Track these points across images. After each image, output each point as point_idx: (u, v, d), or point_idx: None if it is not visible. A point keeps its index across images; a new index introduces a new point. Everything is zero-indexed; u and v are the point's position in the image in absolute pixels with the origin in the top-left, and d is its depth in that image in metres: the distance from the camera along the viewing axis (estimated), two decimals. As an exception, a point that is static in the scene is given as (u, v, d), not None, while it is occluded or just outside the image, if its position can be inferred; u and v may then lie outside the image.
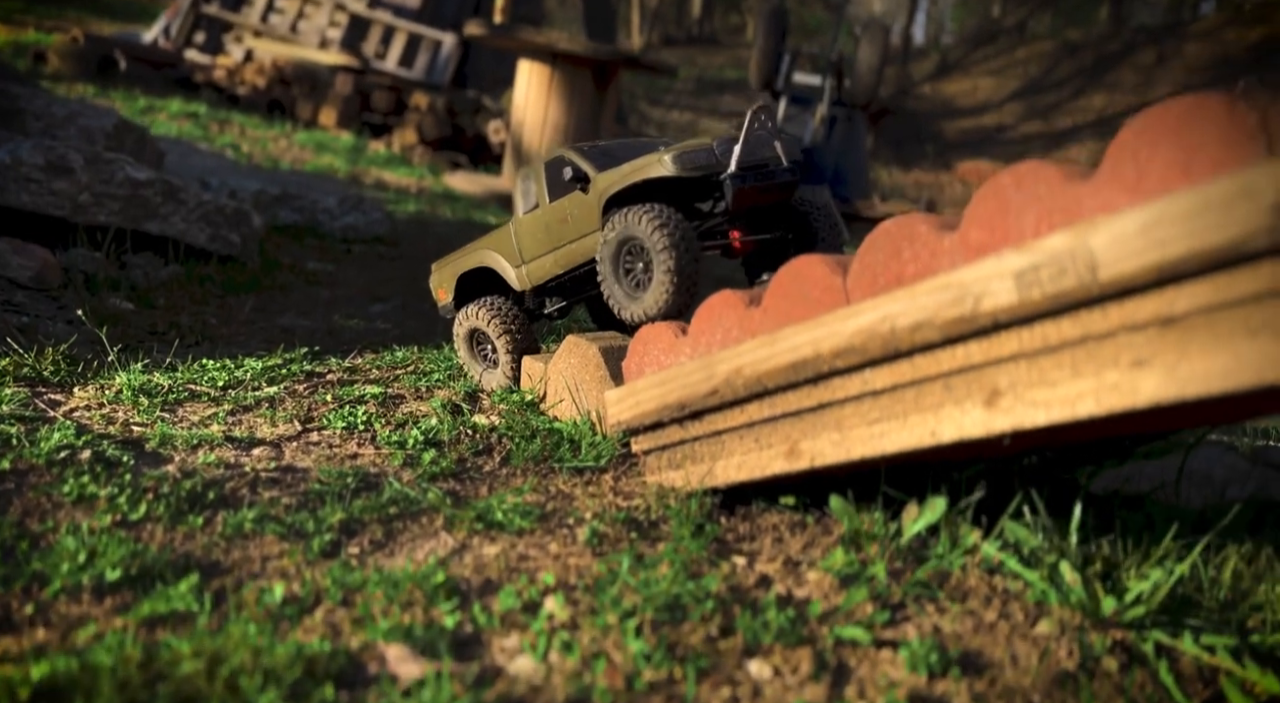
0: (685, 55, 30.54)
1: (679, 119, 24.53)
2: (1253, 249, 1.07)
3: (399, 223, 5.96)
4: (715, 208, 2.16)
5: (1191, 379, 1.16)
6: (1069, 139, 23.33)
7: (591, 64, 8.16)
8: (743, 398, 1.76)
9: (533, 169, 2.45)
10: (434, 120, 10.31)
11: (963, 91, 26.67)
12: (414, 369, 2.88)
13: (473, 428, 2.29)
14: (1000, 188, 1.42)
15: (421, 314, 3.71)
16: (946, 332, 1.40)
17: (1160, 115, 1.24)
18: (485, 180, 8.92)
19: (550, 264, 2.41)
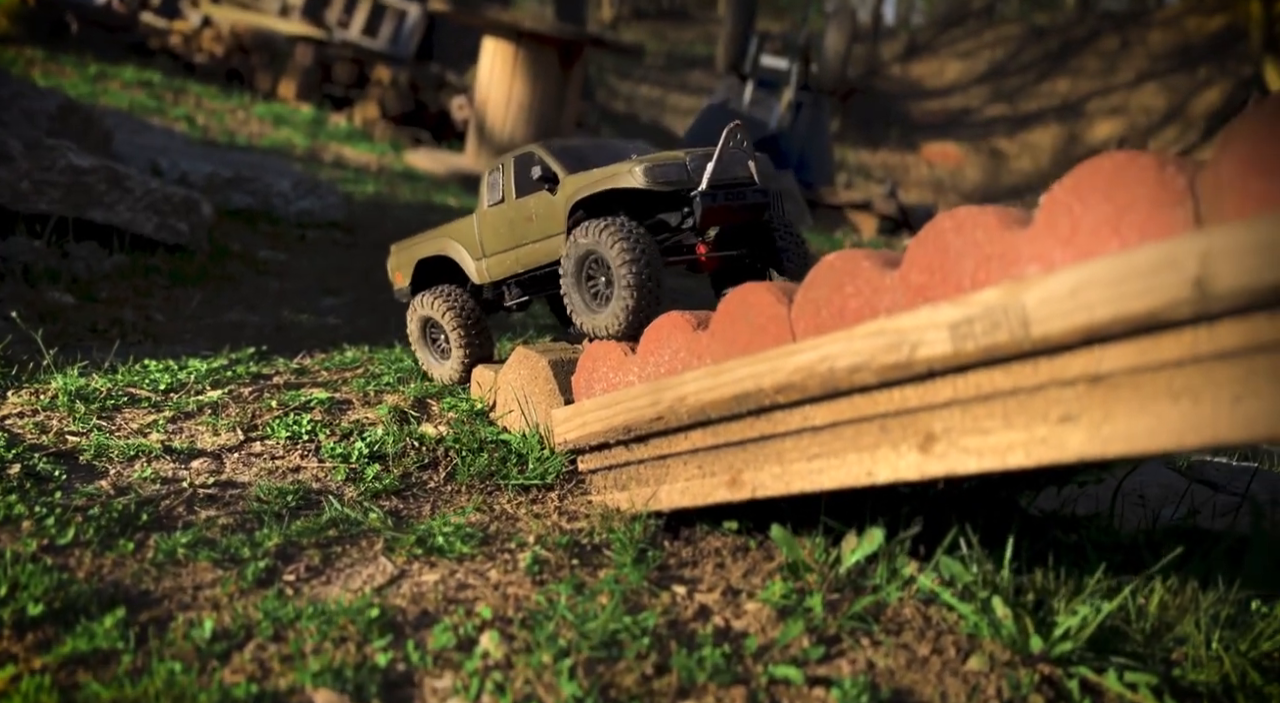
0: (655, 29, 30.23)
1: (648, 94, 24.34)
2: (1174, 318, 1.08)
3: (356, 206, 5.87)
4: (683, 223, 2.14)
5: (1115, 438, 1.18)
6: (1034, 123, 23.51)
7: (557, 43, 8.05)
8: (687, 425, 1.76)
9: (502, 162, 2.39)
10: (396, 95, 10.13)
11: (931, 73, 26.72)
12: (364, 371, 2.84)
13: (420, 439, 2.27)
14: (940, 232, 1.42)
15: (375, 309, 3.66)
16: (883, 375, 1.40)
17: (1093, 171, 1.25)
18: (448, 158, 8.80)
19: (511, 262, 2.37)
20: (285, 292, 3.68)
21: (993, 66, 26.04)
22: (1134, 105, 22.56)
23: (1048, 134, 23.05)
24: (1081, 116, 23.11)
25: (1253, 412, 1.06)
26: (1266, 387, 1.05)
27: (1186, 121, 21.16)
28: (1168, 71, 22.81)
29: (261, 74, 10.57)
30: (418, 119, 10.28)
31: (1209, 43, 22.93)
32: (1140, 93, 22.81)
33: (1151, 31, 24.59)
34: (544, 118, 8.25)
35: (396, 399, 2.59)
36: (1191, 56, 22.78)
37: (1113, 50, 24.61)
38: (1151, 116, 21.99)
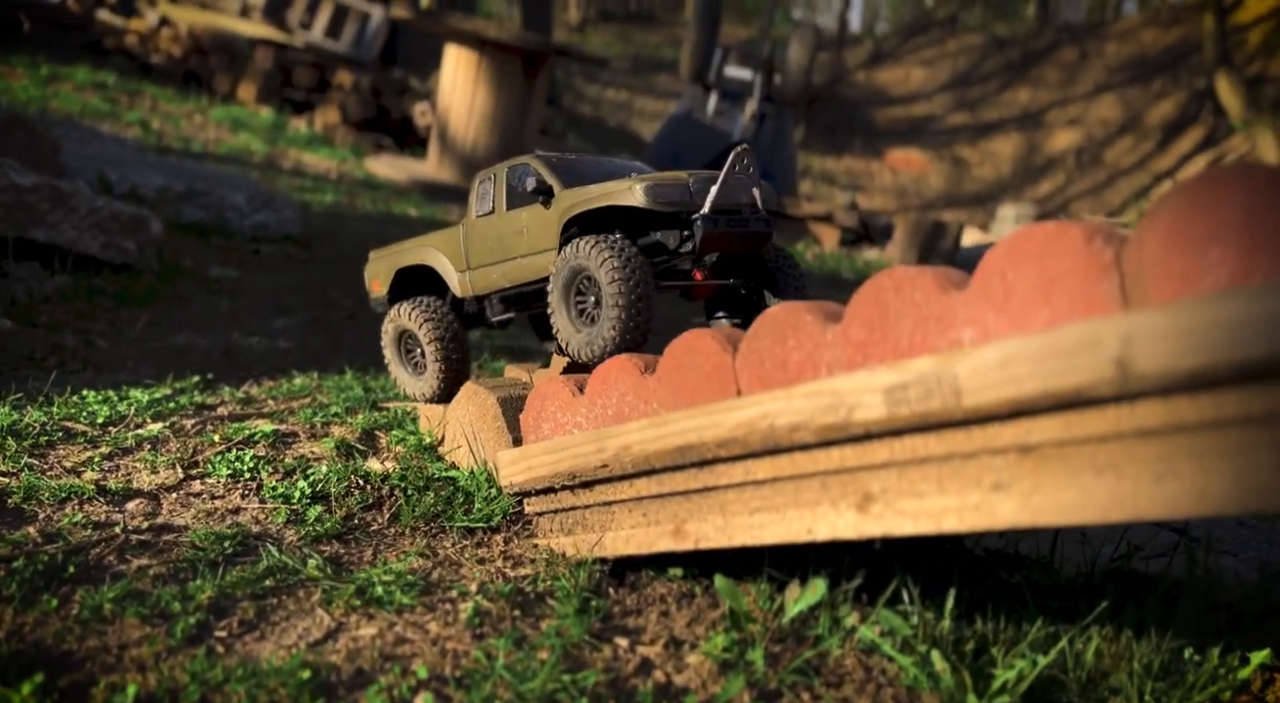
0: (622, 32, 30.23)
1: (614, 97, 24.33)
2: (1097, 396, 1.09)
3: (314, 217, 5.78)
4: (681, 246, 2.03)
5: (1044, 509, 1.19)
6: (995, 131, 23.84)
7: (521, 52, 8.01)
8: (632, 473, 1.75)
9: (494, 172, 2.28)
10: (358, 100, 10.01)
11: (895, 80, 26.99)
12: (312, 400, 2.80)
13: (365, 476, 2.23)
14: (880, 290, 1.43)
15: (328, 329, 3.61)
16: (822, 435, 1.41)
17: (1026, 240, 1.26)
18: (409, 165, 8.71)
19: (498, 276, 2.26)
20: (236, 312, 3.61)
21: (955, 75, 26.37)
22: (1091, 116, 22.96)
23: (1008, 143, 23.38)
24: (1041, 126, 23.47)
25: (1173, 490, 1.07)
26: (1187, 466, 1.06)
27: (1142, 132, 21.57)
28: (1124, 83, 23.24)
29: (220, 76, 10.40)
30: (380, 124, 10.18)
31: (1164, 56, 23.39)
32: (1098, 104, 23.21)
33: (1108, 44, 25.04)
34: (507, 126, 8.20)
35: (344, 432, 2.55)
36: (1147, 69, 23.24)
37: (1071, 62, 25.04)
38: (1109, 127, 22.39)
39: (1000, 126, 23.73)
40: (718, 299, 2.21)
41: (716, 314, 2.24)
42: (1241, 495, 1.02)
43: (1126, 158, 21.11)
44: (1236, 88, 18.18)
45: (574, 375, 2.08)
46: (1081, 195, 20.64)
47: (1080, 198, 20.57)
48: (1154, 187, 19.68)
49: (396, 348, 2.49)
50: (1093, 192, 20.59)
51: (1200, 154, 19.57)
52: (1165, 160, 20.24)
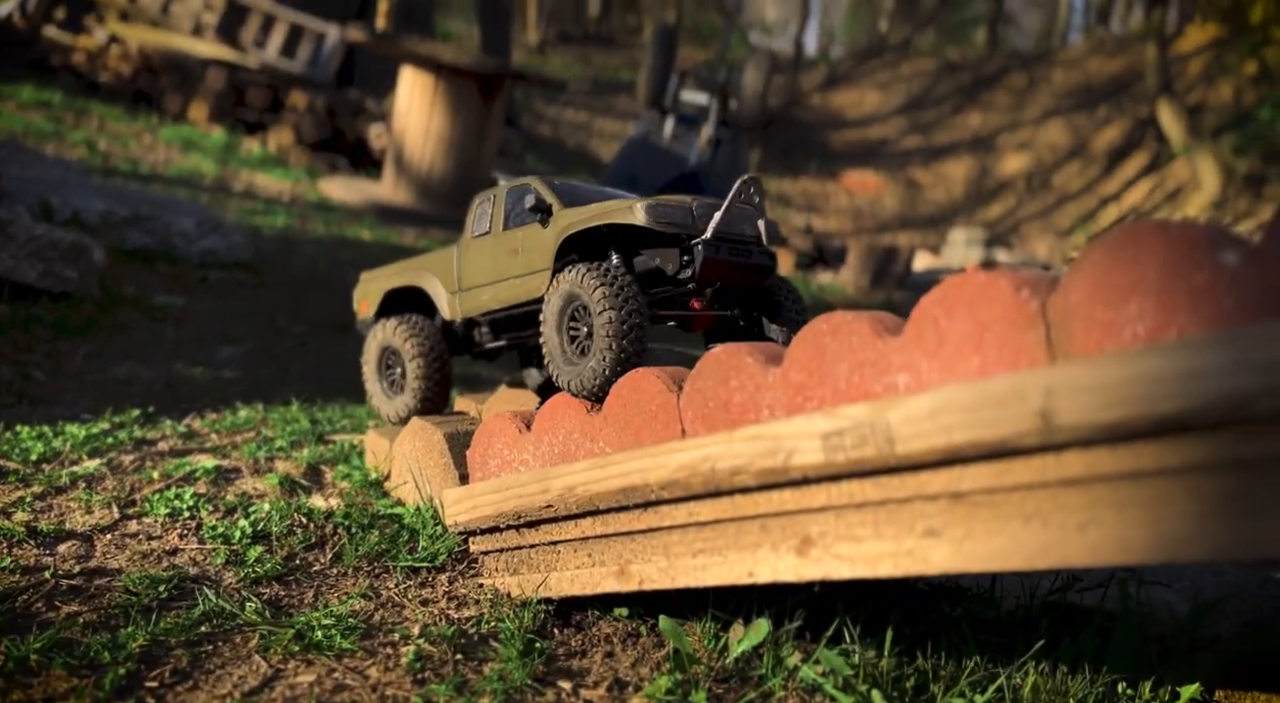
0: (582, 54, 30.40)
1: (574, 118, 24.41)
2: (1023, 446, 1.12)
3: (264, 243, 5.71)
4: (680, 272, 1.93)
5: (974, 556, 1.21)
6: (948, 154, 24.30)
7: (477, 76, 8.01)
8: (577, 514, 1.75)
9: (494, 193, 2.23)
10: (313, 121, 9.93)
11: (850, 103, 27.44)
12: (256, 434, 2.75)
13: (309, 514, 2.20)
14: (818, 334, 1.45)
15: (276, 358, 3.56)
16: (762, 479, 1.42)
17: (957, 288, 1.29)
18: (364, 187, 8.65)
19: (488, 298, 2.19)
20: (181, 341, 3.54)
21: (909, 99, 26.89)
22: (1040, 141, 23.52)
23: (961, 166, 23.85)
24: (992, 150, 24.00)
25: (1096, 539, 1.10)
26: (1109, 516, 1.09)
27: (1088, 158, 22.14)
28: (1071, 109, 23.86)
29: (171, 96, 10.25)
30: (334, 146, 10.09)
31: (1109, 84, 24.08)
32: (1046, 129, 23.80)
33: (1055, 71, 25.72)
34: (464, 149, 8.19)
35: (288, 467, 2.51)
36: (1093, 96, 23.90)
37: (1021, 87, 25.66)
38: (1056, 152, 22.95)
39: (953, 150, 24.22)
40: (719, 337, 2.12)
41: (710, 347, 2.12)
42: (1160, 545, 1.04)
43: (1074, 182, 21.65)
44: (1178, 115, 18.77)
45: (521, 412, 2.07)
46: (1031, 218, 21.11)
47: (1030, 220, 21.04)
48: (1100, 210, 20.19)
49: (377, 366, 2.42)
50: (1042, 214, 21.07)
51: (1144, 179, 20.15)
52: (1111, 185, 20.79)
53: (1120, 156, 21.47)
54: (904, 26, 30.94)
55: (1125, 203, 20.09)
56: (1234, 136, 17.66)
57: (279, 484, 2.37)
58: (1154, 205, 19.47)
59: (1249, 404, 0.93)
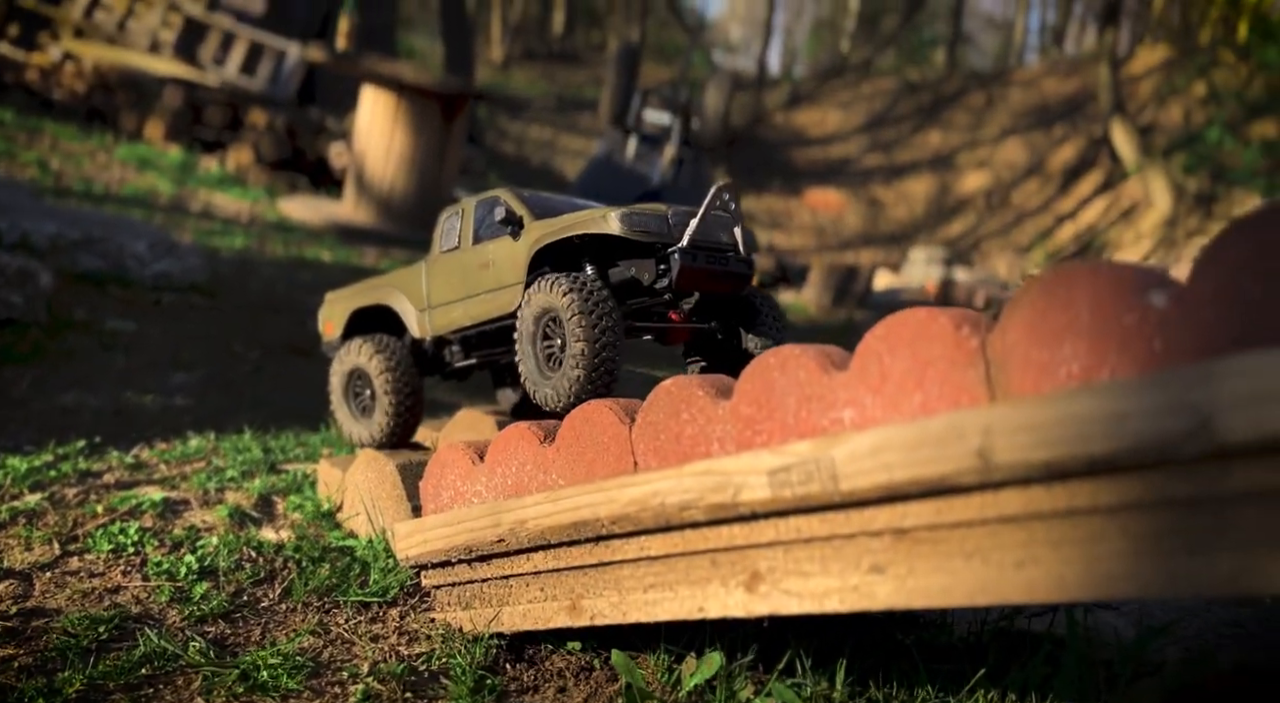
0: (546, 71, 30.48)
1: (538, 136, 24.45)
2: (962, 484, 1.13)
3: (221, 264, 5.63)
4: (656, 282, 1.88)
5: (917, 592, 1.22)
6: (909, 173, 24.65)
7: (439, 96, 8.00)
8: (529, 548, 1.74)
9: (462, 207, 2.17)
10: (272, 140, 9.84)
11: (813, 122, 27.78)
12: (207, 464, 2.70)
13: (258, 547, 2.16)
14: (767, 368, 1.46)
15: (230, 384, 3.50)
16: (711, 514, 1.42)
17: (900, 325, 1.30)
18: (324, 207, 8.57)
19: (459, 314, 2.12)
20: (131, 367, 3.48)
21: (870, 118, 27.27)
22: (998, 159, 23.95)
23: (922, 184, 24.20)
24: (952, 168, 24.38)
25: (1033, 577, 1.11)
26: (1046, 553, 1.10)
27: (1045, 176, 22.57)
28: (1027, 128, 24.32)
29: (126, 114, 10.10)
30: (295, 165, 10.00)
31: (1063, 104, 24.60)
32: (1004, 147, 24.23)
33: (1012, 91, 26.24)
34: (426, 168, 8.16)
35: (239, 498, 2.47)
36: (1048, 116, 24.39)
37: (979, 107, 26.13)
38: (1015, 170, 23.37)
39: (914, 168, 24.58)
40: (697, 351, 2.08)
41: (692, 359, 2.11)
42: (1094, 583, 1.06)
43: (1032, 199, 22.05)
44: (1130, 135, 19.21)
45: (474, 443, 2.06)
46: (992, 235, 21.46)
47: (990, 237, 21.38)
48: (1057, 228, 20.57)
49: (345, 389, 2.34)
50: (1002, 231, 21.42)
51: (1099, 196, 20.58)
52: (1068, 202, 21.21)
53: (1076, 175, 21.92)
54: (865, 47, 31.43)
55: (1081, 221, 20.49)
56: (1184, 156, 18.11)
57: (229, 516, 2.33)
58: (1109, 223, 19.88)
59: (1177, 446, 0.95)
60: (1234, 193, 17.21)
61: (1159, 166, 18.10)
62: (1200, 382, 0.93)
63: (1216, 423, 0.91)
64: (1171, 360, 1.04)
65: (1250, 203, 16.81)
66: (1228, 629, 1.72)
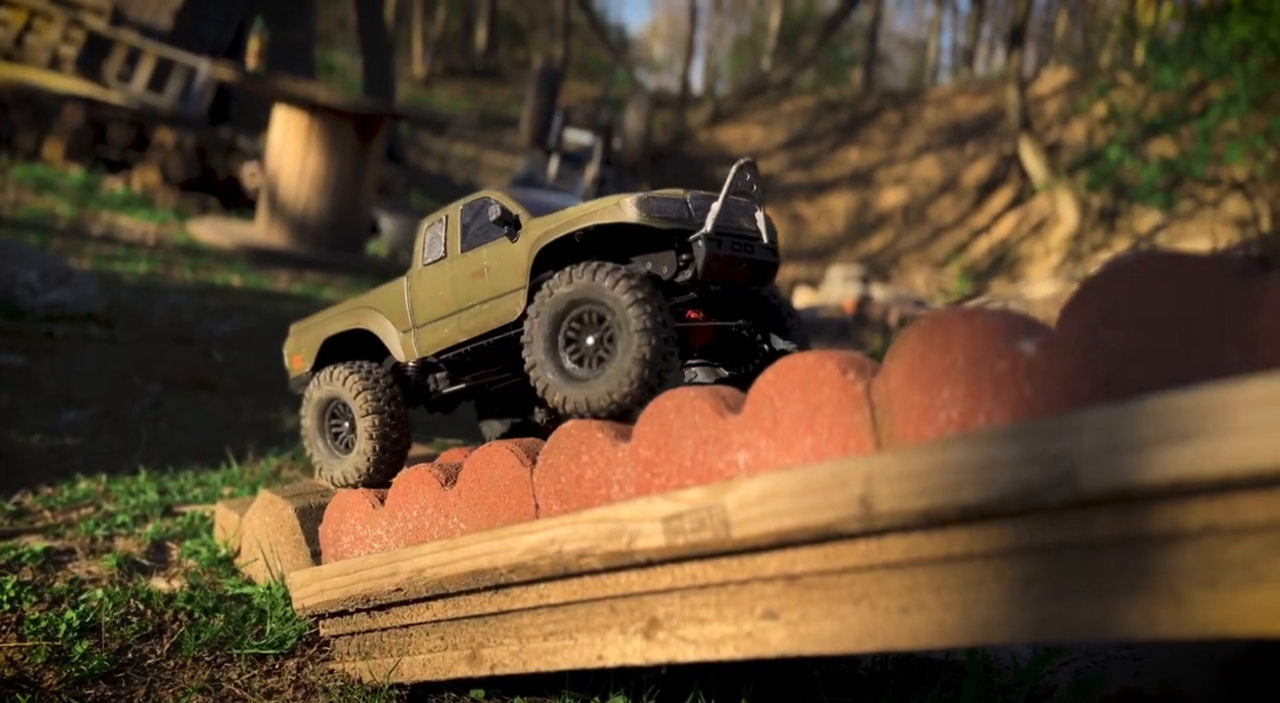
0: (469, 87, 30.29)
1: (462, 152, 24.25)
2: (847, 531, 1.14)
3: (122, 291, 5.41)
4: (678, 275, 1.69)
5: (809, 638, 1.22)
6: (829, 189, 25.16)
7: (354, 116, 7.86)
8: (427, 597, 1.69)
9: (446, 213, 1.96)
10: (181, 160, 9.52)
11: (736, 139, 28.18)
12: (96, 509, 2.58)
13: (146, 598, 2.06)
14: (664, 412, 1.45)
15: (124, 422, 3.35)
16: (608, 561, 1.40)
17: (789, 370, 1.31)
18: (236, 229, 8.33)
19: (450, 330, 1.89)
20: (17, 406, 3.30)
21: (791, 136, 27.79)
22: (915, 176, 24.63)
23: (842, 200, 24.73)
24: (871, 185, 24.99)
25: (916, 622, 1.12)
26: (929, 599, 1.12)
27: (959, 192, 23.29)
28: (942, 146, 25.07)
29: (24, 133, 9.66)
30: (205, 185, 9.70)
31: (975, 122, 25.45)
32: (919, 164, 24.94)
33: (927, 109, 27.05)
34: (341, 190, 8.00)
35: (129, 545, 2.36)
36: (961, 133, 25.20)
37: (895, 125, 26.87)
38: (930, 187, 24.06)
39: (834, 185, 25.10)
40: (717, 352, 1.88)
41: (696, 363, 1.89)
42: (972, 628, 1.08)
43: (947, 215, 22.72)
44: (1037, 152, 19.97)
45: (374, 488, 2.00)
46: (909, 250, 22.04)
47: (909, 252, 21.95)
48: (972, 242, 21.23)
49: (320, 422, 2.06)
50: (919, 246, 22.02)
51: (1010, 212, 21.32)
52: (981, 218, 21.92)
53: (988, 191, 22.67)
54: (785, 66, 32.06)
55: (994, 235, 21.18)
56: (1088, 174, 18.90)
57: (117, 566, 2.22)
58: (1020, 237, 20.59)
59: (1042, 495, 0.97)
60: (1135, 209, 17.98)
61: (1065, 183, 18.86)
62: (1061, 433, 0.96)
63: (1077, 474, 0.94)
64: (1040, 407, 1.07)
65: (1150, 218, 17.57)
66: (1118, 652, 1.77)
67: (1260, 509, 0.86)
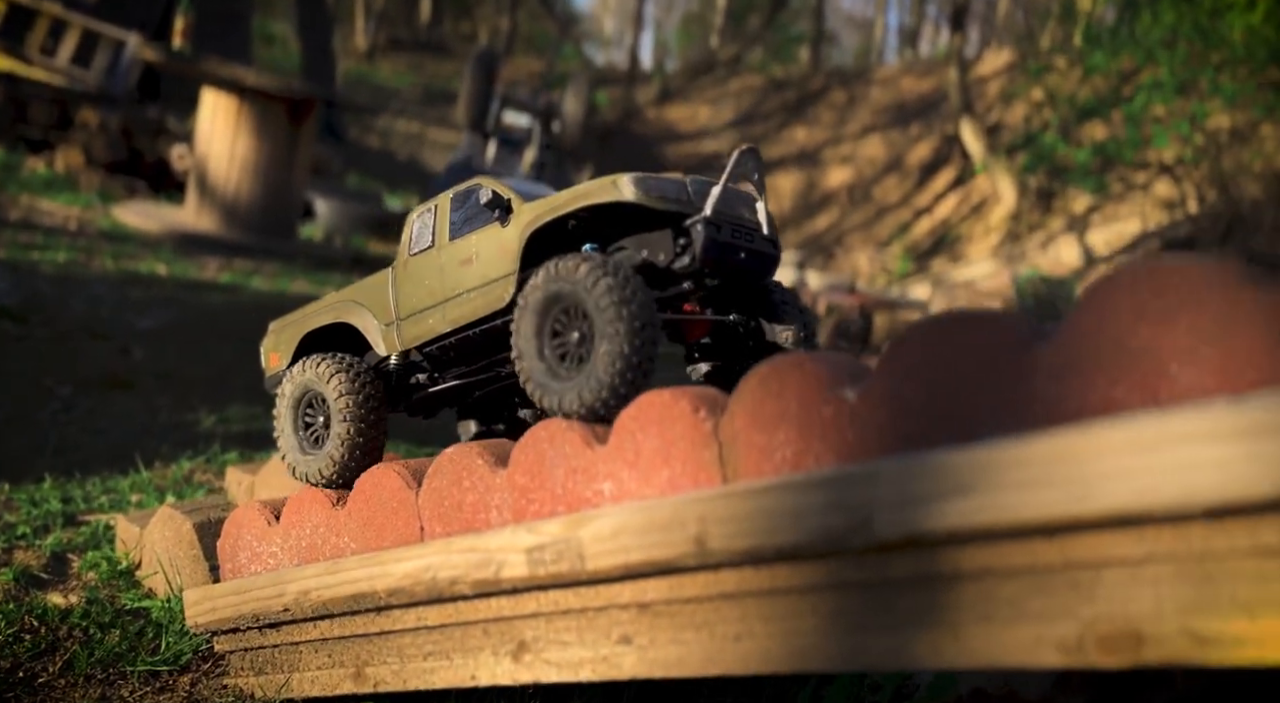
0: (413, 61, 29.76)
1: (405, 129, 23.87)
2: (686, 566, 1.21)
3: (40, 282, 5.29)
4: (674, 263, 1.61)
5: (658, 663, 1.30)
6: (777, 168, 25.27)
7: (285, 100, 7.72)
8: (313, 617, 1.74)
9: (436, 203, 1.89)
10: (105, 141, 9.26)
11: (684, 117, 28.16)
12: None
13: (41, 614, 2.07)
14: (538, 441, 1.52)
15: (33, 426, 3.32)
16: (478, 588, 1.46)
17: (649, 406, 1.38)
18: (164, 213, 8.15)
19: (436, 320, 1.80)
20: (-80, 410, 3.24)
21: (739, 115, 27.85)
22: (860, 155, 24.86)
23: (789, 179, 24.87)
24: (817, 164, 25.16)
25: (747, 650, 1.20)
26: (759, 628, 1.20)
27: (904, 172, 23.58)
28: (887, 125, 25.32)
29: (-63, 110, 9.31)
30: (132, 167, 9.45)
31: (919, 102, 25.73)
32: (865, 144, 25.16)
33: (873, 89, 27.28)
34: (273, 174, 7.87)
35: (28, 557, 2.36)
36: (905, 113, 25.47)
37: (842, 104, 27.05)
38: (875, 166, 24.32)
39: (781, 164, 25.22)
40: (714, 349, 1.81)
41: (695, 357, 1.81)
42: (793, 656, 1.16)
43: (892, 194, 23.01)
44: (978, 134, 20.29)
45: (270, 502, 2.03)
46: (854, 229, 22.29)
47: (853, 231, 22.21)
48: (914, 222, 21.55)
49: (294, 415, 1.96)
50: (864, 226, 22.28)
51: (952, 192, 21.68)
52: (924, 197, 22.24)
53: (931, 171, 22.98)
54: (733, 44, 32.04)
55: (937, 215, 21.53)
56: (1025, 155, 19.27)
57: (13, 580, 2.22)
58: (961, 217, 20.96)
59: (843, 540, 1.05)
60: (1070, 191, 18.39)
61: (1004, 164, 19.20)
62: (859, 484, 1.03)
63: (873, 522, 1.02)
64: (859, 451, 1.15)
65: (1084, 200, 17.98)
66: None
67: (1023, 555, 0.95)
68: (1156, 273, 0.94)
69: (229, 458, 3.20)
